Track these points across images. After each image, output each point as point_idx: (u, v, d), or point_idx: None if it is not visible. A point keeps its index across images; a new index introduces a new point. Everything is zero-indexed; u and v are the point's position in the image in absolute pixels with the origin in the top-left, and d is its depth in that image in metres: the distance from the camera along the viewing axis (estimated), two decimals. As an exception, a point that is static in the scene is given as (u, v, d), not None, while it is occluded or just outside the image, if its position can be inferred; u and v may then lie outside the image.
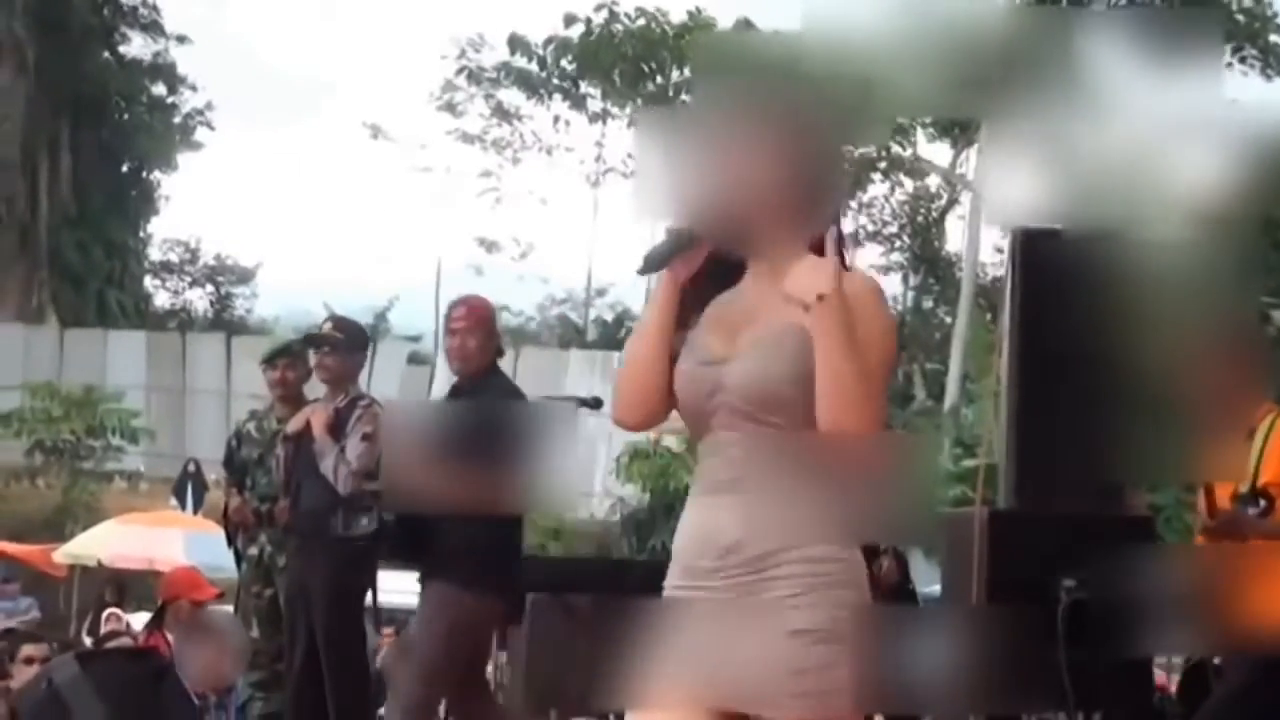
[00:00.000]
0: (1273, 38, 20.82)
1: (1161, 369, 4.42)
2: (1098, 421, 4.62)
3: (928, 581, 8.77)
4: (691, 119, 2.61)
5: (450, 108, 26.55)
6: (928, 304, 26.48)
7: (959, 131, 22.73)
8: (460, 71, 26.09)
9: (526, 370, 20.25)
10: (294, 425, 6.06)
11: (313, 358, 6.26)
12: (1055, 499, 4.74)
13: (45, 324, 22.92)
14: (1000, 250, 23.99)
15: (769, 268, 2.54)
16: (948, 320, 24.40)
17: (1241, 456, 4.05)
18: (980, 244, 20.99)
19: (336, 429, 5.85)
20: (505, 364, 5.95)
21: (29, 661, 5.84)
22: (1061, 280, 4.75)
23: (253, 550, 6.22)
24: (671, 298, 2.58)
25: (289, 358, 6.62)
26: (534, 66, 25.29)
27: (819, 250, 2.51)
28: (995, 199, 18.91)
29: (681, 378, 2.56)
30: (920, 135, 24.01)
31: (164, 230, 29.56)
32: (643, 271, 2.62)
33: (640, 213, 2.73)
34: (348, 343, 6.32)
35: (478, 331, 5.77)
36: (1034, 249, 4.87)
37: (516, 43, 24.83)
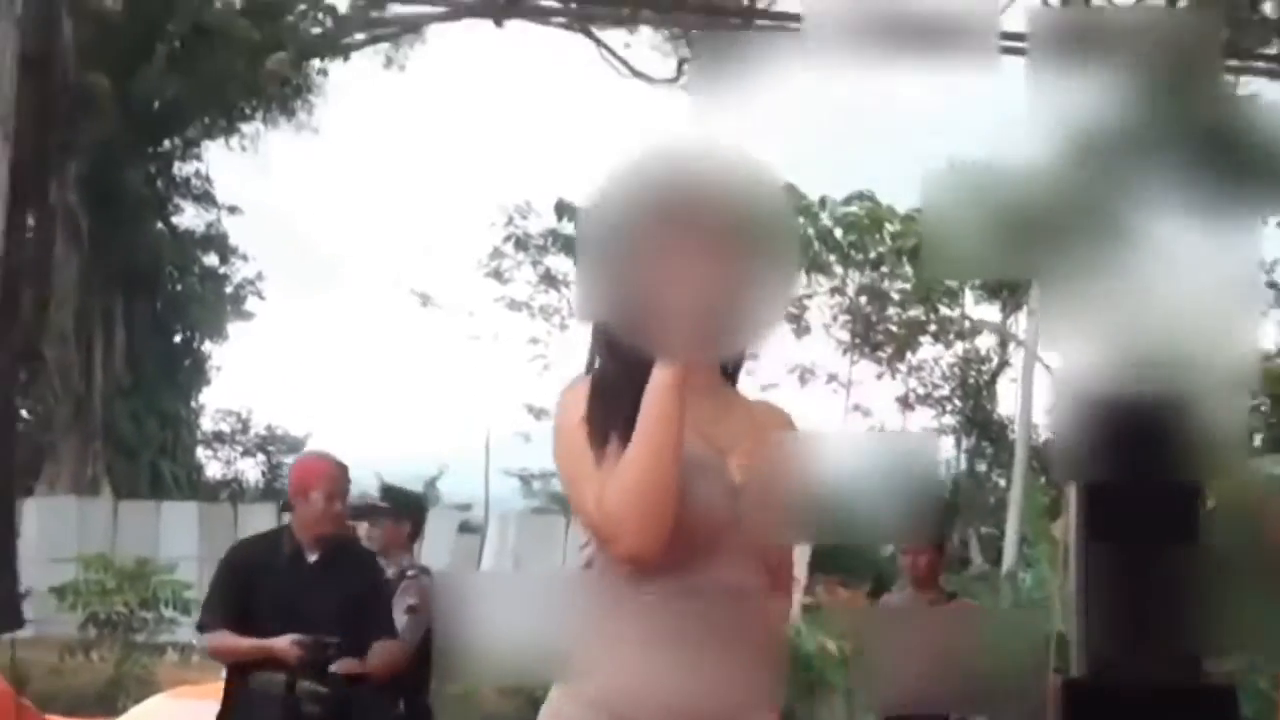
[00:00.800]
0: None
1: (1237, 535, 4.34)
2: (1172, 587, 4.51)
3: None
4: (627, 225, 2.34)
5: (498, 275, 26.73)
6: (981, 468, 26.28)
7: (1008, 294, 22.72)
8: (508, 239, 26.31)
9: (576, 539, 19.99)
10: None
11: (361, 529, 6.17)
12: (1129, 667, 4.61)
13: (100, 496, 22.99)
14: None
15: (694, 379, 2.36)
16: (1001, 484, 24.20)
17: None
18: (1033, 406, 20.87)
19: (384, 602, 5.74)
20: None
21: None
22: (1127, 439, 4.69)
23: (303, 726, 6.10)
24: (682, 400, 2.31)
25: (345, 533, 6.55)
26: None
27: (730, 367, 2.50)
28: (1050, 360, 18.81)
29: (702, 501, 2.32)
30: (969, 297, 24.02)
31: (216, 400, 29.72)
32: None
33: (578, 314, 2.67)
34: (394, 512, 6.23)
35: (346, 493, 5.61)
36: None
37: (563, 209, 25.05)
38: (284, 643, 5.25)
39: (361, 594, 5.40)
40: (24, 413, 22.41)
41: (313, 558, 5.42)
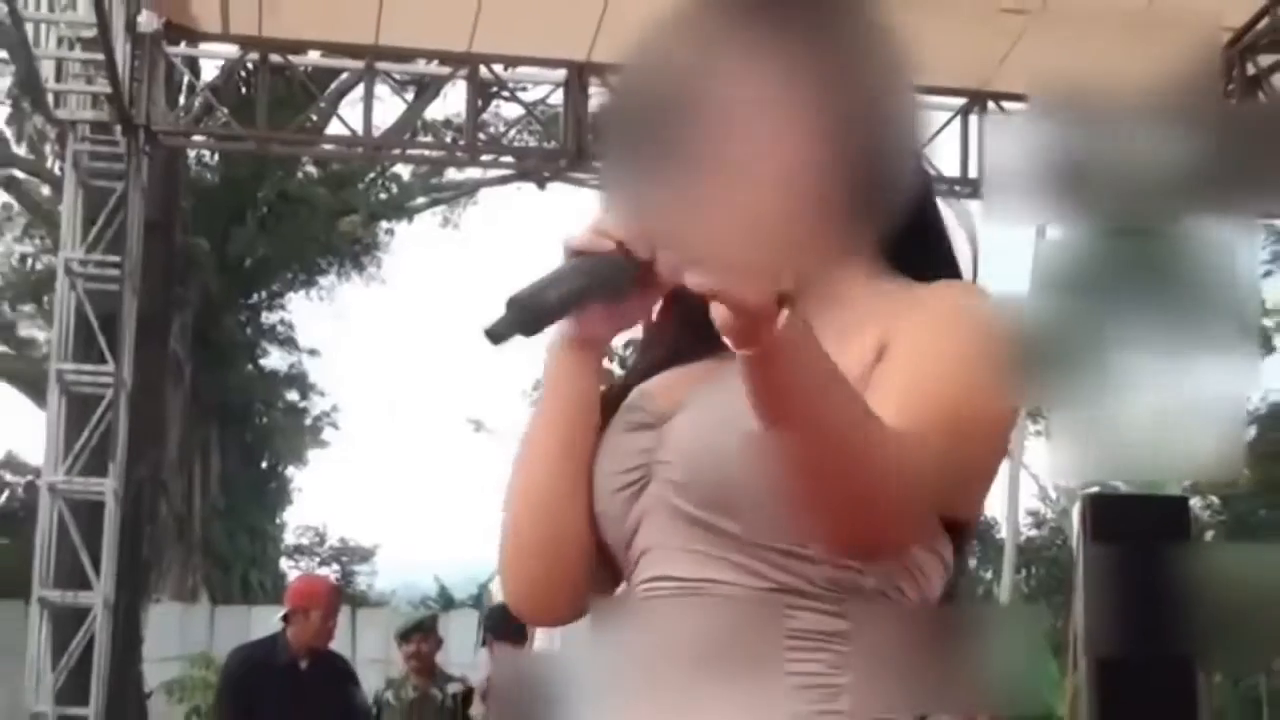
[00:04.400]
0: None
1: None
2: (1184, 686, 4.40)
3: None
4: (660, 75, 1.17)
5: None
6: (970, 563, 26.06)
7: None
8: (550, 371, 26.29)
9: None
10: None
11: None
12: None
13: (198, 602, 22.92)
14: (1033, 514, 23.68)
15: (819, 302, 1.22)
16: (988, 576, 23.97)
17: None
18: (1019, 511, 20.70)
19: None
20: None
21: None
22: (1132, 543, 4.60)
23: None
24: (581, 375, 1.34)
25: (422, 633, 6.53)
26: (614, 366, 25.47)
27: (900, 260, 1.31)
28: (1034, 468, 18.65)
29: (602, 459, 1.33)
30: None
31: (297, 518, 29.72)
32: (495, 339, 1.30)
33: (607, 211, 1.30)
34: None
35: (338, 612, 5.77)
36: (1103, 513, 4.75)
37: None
38: None
39: (345, 698, 5.61)
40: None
41: (304, 665, 5.58)
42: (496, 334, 1.30)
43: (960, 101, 8.31)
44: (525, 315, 1.29)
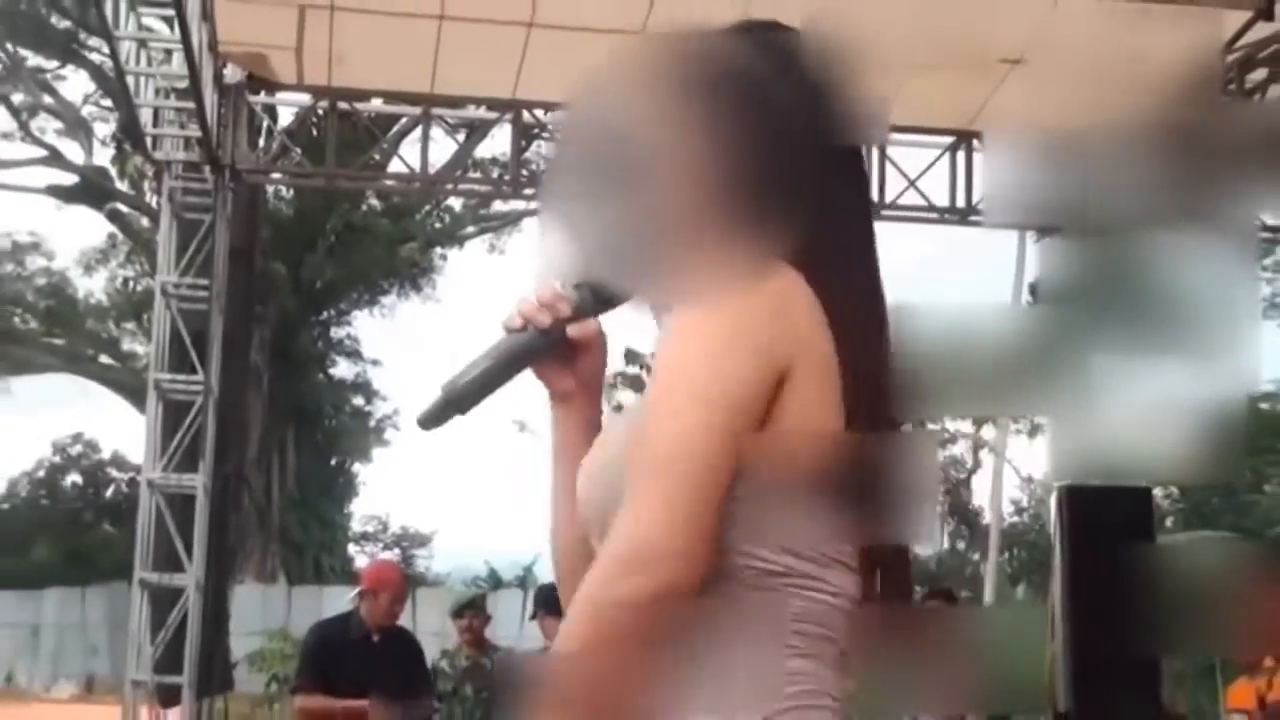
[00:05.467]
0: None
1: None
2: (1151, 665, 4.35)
3: None
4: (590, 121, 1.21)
5: (578, 407, 26.73)
6: (960, 546, 25.96)
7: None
8: (585, 379, 26.33)
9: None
10: None
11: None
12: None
13: (276, 583, 22.98)
14: (1015, 503, 23.58)
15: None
16: (975, 558, 23.86)
17: None
18: (1002, 500, 20.57)
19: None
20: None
21: None
22: (1102, 530, 4.57)
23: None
24: (559, 425, 1.35)
25: (474, 610, 6.55)
26: (643, 373, 25.53)
27: None
28: (1015, 462, 18.55)
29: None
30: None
31: (362, 508, 29.83)
32: (424, 424, 1.30)
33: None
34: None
35: (406, 595, 5.84)
36: (1077, 503, 4.72)
37: (630, 355, 25.14)
38: (368, 705, 5.52)
39: (413, 667, 5.68)
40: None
41: (376, 639, 5.66)
42: (425, 420, 1.31)
43: (949, 140, 8.28)
44: (450, 399, 1.32)
